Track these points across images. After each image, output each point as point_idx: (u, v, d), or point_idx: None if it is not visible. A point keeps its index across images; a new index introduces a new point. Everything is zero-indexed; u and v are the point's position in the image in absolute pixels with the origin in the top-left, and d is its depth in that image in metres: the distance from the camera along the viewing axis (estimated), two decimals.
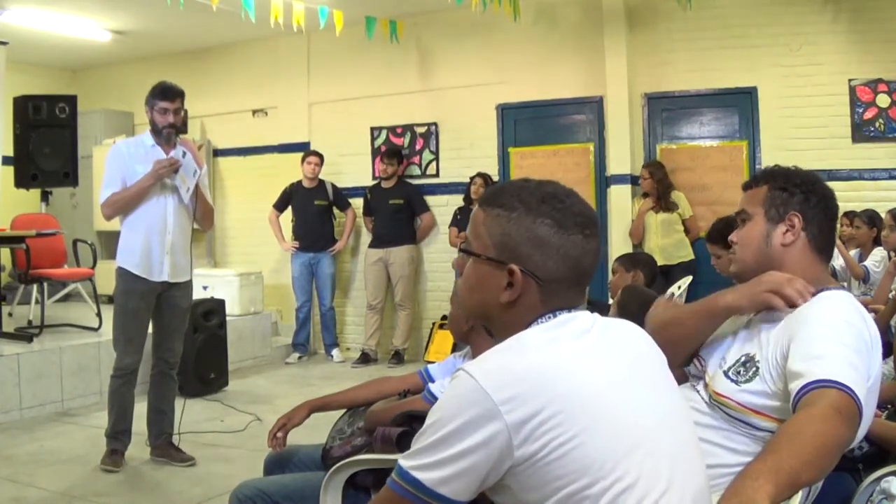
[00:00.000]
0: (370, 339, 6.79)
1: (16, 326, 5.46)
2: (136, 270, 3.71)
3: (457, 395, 1.12)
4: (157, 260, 3.73)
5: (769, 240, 1.67)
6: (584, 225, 1.24)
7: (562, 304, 1.24)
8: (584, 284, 1.27)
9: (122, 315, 3.76)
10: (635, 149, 6.21)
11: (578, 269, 1.24)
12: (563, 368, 1.14)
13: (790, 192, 1.66)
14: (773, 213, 1.67)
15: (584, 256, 1.24)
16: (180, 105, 3.78)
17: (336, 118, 7.37)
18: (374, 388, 2.30)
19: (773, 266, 1.65)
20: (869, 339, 1.50)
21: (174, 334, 3.90)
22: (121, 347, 3.76)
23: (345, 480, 1.86)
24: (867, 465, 1.86)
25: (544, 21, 6.50)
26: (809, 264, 1.65)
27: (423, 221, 6.90)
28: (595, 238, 1.26)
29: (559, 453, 1.08)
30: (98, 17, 6.74)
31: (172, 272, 3.78)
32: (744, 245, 1.71)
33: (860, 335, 1.48)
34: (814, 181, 1.68)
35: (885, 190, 5.55)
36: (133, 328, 3.76)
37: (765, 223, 1.68)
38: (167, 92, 3.72)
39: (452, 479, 1.10)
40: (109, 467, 3.68)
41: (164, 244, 3.74)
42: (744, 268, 1.72)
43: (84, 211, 7.63)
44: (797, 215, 1.65)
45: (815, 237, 1.66)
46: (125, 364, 3.76)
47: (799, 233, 1.65)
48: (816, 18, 5.72)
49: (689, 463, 1.20)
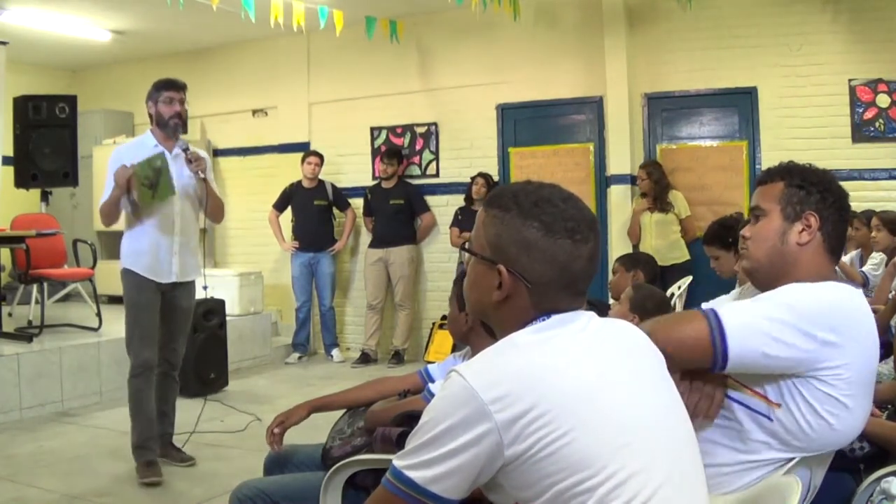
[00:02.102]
0: (370, 339, 6.80)
1: (16, 326, 5.46)
2: (143, 272, 3.63)
3: (448, 396, 1.15)
4: (165, 261, 3.65)
5: (785, 237, 1.64)
6: (575, 230, 1.24)
7: (554, 306, 1.25)
8: (577, 288, 1.27)
9: (134, 310, 3.65)
10: (635, 149, 6.22)
11: (567, 274, 1.24)
12: (553, 367, 1.16)
13: (807, 191, 1.64)
14: (790, 212, 1.64)
15: (572, 261, 1.24)
16: (185, 97, 3.71)
17: (336, 118, 7.37)
18: (373, 389, 2.30)
19: (787, 265, 1.64)
20: (827, 324, 1.47)
21: (178, 335, 3.84)
22: (136, 344, 3.64)
23: (345, 480, 1.86)
24: (867, 465, 1.87)
25: (544, 21, 6.51)
26: (821, 264, 1.64)
27: (424, 221, 6.90)
28: (587, 243, 1.25)
29: (549, 451, 1.09)
30: (98, 17, 6.74)
31: (181, 272, 3.71)
32: (758, 241, 1.68)
33: (803, 315, 1.46)
34: (830, 180, 1.66)
35: (885, 190, 5.55)
36: (148, 322, 3.65)
37: (781, 220, 1.65)
38: (172, 82, 3.66)
39: (444, 478, 1.12)
40: (153, 479, 3.52)
41: (173, 245, 3.67)
42: (757, 266, 1.69)
43: (84, 211, 7.62)
44: (814, 215, 1.63)
45: (830, 237, 1.65)
46: (144, 359, 3.63)
47: (815, 233, 1.63)
48: (816, 18, 5.72)
49: (685, 461, 1.21)
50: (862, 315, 1.56)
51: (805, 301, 1.50)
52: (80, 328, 5.65)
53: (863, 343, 1.52)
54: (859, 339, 1.51)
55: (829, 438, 1.53)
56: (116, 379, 5.19)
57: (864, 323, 1.55)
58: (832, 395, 1.49)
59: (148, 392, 3.65)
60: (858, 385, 1.51)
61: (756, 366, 1.48)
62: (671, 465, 1.16)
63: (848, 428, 1.54)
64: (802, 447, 1.52)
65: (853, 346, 1.49)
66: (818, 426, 1.50)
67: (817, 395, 1.49)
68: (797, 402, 1.49)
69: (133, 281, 3.65)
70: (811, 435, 1.51)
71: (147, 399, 3.64)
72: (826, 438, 1.53)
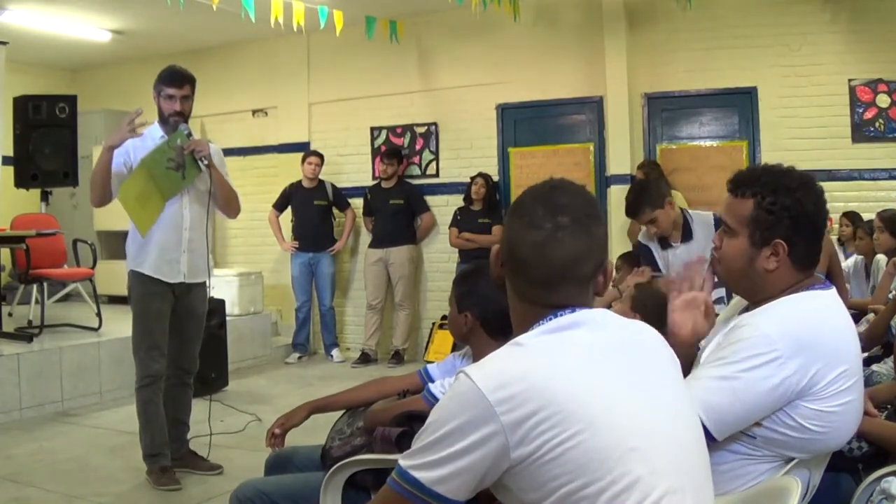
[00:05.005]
0: (370, 339, 6.79)
1: (16, 326, 5.46)
2: (151, 272, 3.46)
3: (455, 397, 1.15)
4: (173, 259, 3.47)
5: (753, 264, 1.61)
6: (556, 213, 1.23)
7: (558, 301, 1.24)
8: (572, 278, 1.24)
9: (144, 319, 3.49)
10: (635, 149, 6.21)
11: (549, 261, 1.22)
12: (561, 370, 1.15)
13: (777, 217, 1.57)
14: (758, 238, 1.60)
15: (555, 247, 1.22)
16: (189, 92, 3.49)
17: (336, 118, 7.37)
18: (373, 389, 2.29)
19: (756, 284, 1.64)
20: (794, 343, 1.49)
21: (195, 341, 3.68)
22: (144, 353, 3.48)
23: (345, 480, 1.86)
24: (867, 465, 1.86)
25: (544, 21, 6.50)
26: (791, 279, 1.62)
27: (424, 221, 6.90)
28: (569, 228, 1.22)
29: (555, 454, 1.09)
30: (98, 17, 6.74)
31: (190, 272, 3.53)
32: (727, 260, 1.67)
33: (768, 347, 1.48)
34: (803, 197, 1.58)
35: (885, 190, 5.56)
36: (158, 332, 3.49)
37: (748, 246, 1.61)
38: (174, 77, 3.46)
39: (449, 479, 1.12)
40: (172, 486, 3.43)
41: (182, 242, 3.48)
42: (728, 279, 1.72)
43: (84, 211, 7.61)
44: (782, 244, 1.58)
45: (801, 258, 1.61)
46: (154, 371, 3.48)
47: (784, 259, 1.59)
48: (816, 18, 5.73)
49: (694, 466, 1.20)
50: (820, 320, 1.56)
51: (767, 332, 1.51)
52: (80, 328, 5.65)
53: (829, 345, 1.52)
54: (825, 343, 1.52)
55: (821, 444, 1.55)
56: (116, 379, 5.20)
57: (824, 329, 1.55)
58: (818, 409, 1.50)
59: (157, 402, 3.52)
60: (844, 390, 1.51)
61: (750, 413, 1.49)
62: (679, 469, 1.15)
63: (840, 432, 1.55)
64: (794, 454, 1.54)
65: (823, 352, 1.50)
66: (807, 436, 1.52)
67: (804, 413, 1.50)
68: (778, 421, 1.51)
69: (141, 286, 3.48)
70: (800, 443, 1.53)
71: (157, 409, 3.51)
72: (816, 444, 1.54)
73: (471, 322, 1.99)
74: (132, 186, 3.40)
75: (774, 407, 1.49)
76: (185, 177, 3.45)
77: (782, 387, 1.47)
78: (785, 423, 1.50)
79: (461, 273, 2.18)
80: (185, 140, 3.42)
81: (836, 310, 1.61)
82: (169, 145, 3.43)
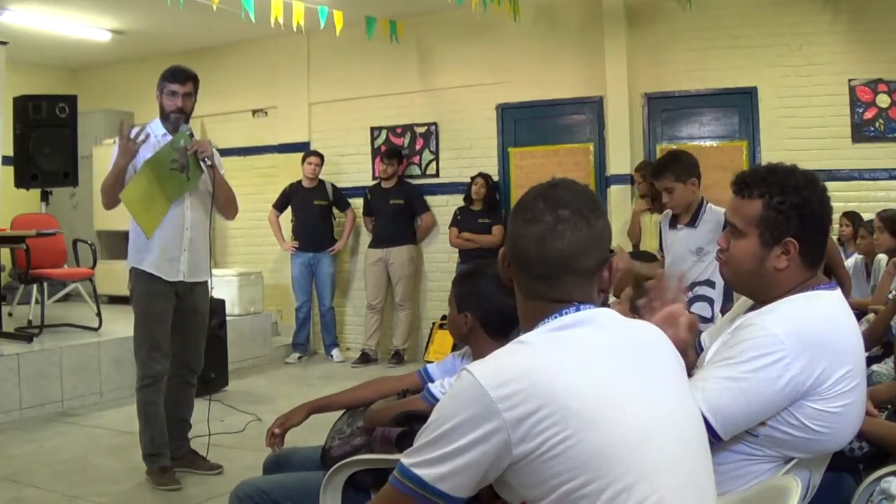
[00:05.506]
0: (370, 339, 6.80)
1: (16, 326, 5.46)
2: (152, 270, 3.47)
3: (457, 394, 1.15)
4: (173, 258, 3.49)
5: (763, 263, 1.61)
6: (556, 206, 1.24)
7: (561, 295, 1.24)
8: (574, 271, 1.24)
9: (146, 319, 3.50)
10: (635, 149, 6.21)
11: (550, 253, 1.23)
12: (564, 367, 1.15)
13: (786, 216, 1.58)
14: (768, 237, 1.60)
15: (555, 239, 1.23)
16: (191, 90, 3.53)
17: (336, 118, 7.37)
18: (373, 388, 2.29)
19: (765, 285, 1.63)
20: (800, 342, 1.48)
21: (199, 340, 3.70)
22: (145, 354, 3.49)
23: (344, 480, 1.86)
24: (867, 465, 1.87)
25: (544, 21, 6.50)
26: (801, 277, 1.63)
27: (424, 221, 6.90)
28: (570, 220, 1.23)
29: (557, 451, 1.09)
30: (98, 17, 6.74)
31: (190, 271, 3.55)
32: (735, 262, 1.67)
33: (775, 346, 1.48)
34: (811, 195, 1.60)
35: (885, 190, 5.55)
36: (160, 332, 3.49)
37: (759, 246, 1.61)
38: (177, 74, 3.49)
39: (452, 476, 1.12)
40: (172, 486, 3.43)
41: (183, 241, 3.50)
42: (735, 282, 1.72)
43: (84, 211, 7.62)
44: (793, 242, 1.59)
45: (810, 254, 1.62)
46: (155, 371, 3.48)
47: (795, 257, 1.60)
48: (816, 18, 5.72)
49: (696, 466, 1.20)
50: (826, 321, 1.56)
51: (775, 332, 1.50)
52: (80, 328, 5.65)
53: (835, 345, 1.52)
54: (831, 343, 1.52)
55: (823, 444, 1.55)
56: (116, 379, 5.20)
57: (829, 329, 1.55)
58: (822, 409, 1.50)
59: (158, 402, 3.52)
60: (848, 391, 1.51)
61: (757, 413, 1.49)
62: (681, 469, 1.16)
63: (842, 433, 1.55)
64: (796, 453, 1.54)
65: (828, 352, 1.50)
66: (809, 436, 1.52)
67: (808, 413, 1.50)
68: (782, 421, 1.51)
69: (143, 285, 3.50)
70: (802, 443, 1.52)
71: (157, 410, 3.51)
72: (819, 444, 1.54)
73: (470, 322, 1.99)
74: (136, 188, 3.42)
75: (781, 407, 1.49)
76: (189, 178, 3.48)
77: (789, 386, 1.47)
78: (788, 423, 1.50)
79: (461, 273, 2.17)
80: (187, 141, 3.45)
81: (841, 310, 1.61)
82: (172, 146, 3.44)
